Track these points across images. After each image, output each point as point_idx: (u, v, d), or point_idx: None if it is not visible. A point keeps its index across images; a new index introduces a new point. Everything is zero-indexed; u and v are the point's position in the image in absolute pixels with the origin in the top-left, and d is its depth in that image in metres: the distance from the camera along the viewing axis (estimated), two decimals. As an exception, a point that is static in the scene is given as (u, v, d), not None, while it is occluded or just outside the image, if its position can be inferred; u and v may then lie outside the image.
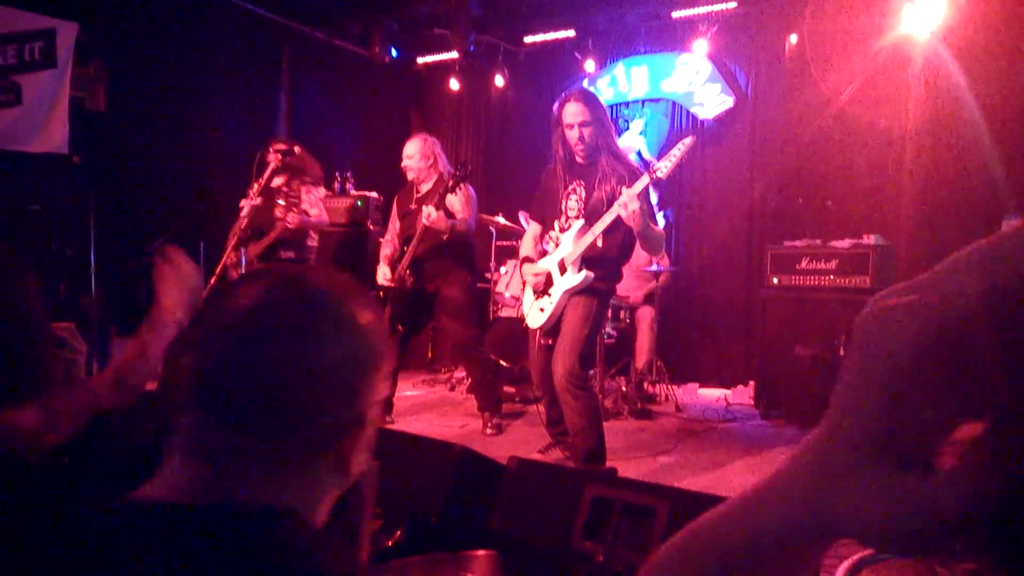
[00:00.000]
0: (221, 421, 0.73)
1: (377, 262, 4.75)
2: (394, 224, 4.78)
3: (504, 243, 6.21)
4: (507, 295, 5.72)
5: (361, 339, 0.79)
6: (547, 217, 3.72)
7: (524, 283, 3.81)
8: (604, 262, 3.53)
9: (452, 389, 5.89)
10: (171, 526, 0.68)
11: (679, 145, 3.39)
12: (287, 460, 0.74)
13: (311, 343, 0.75)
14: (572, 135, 3.49)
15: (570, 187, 3.58)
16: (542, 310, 3.60)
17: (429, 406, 5.35)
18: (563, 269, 3.52)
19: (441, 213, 4.26)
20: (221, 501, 0.71)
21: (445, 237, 4.39)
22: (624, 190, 3.27)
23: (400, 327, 4.46)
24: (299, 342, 0.74)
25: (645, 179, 3.29)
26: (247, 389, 0.73)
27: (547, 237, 3.76)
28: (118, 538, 0.68)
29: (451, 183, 4.28)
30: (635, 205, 3.17)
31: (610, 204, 3.40)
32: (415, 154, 4.61)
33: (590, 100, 3.52)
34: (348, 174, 7.01)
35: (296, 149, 4.84)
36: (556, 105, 3.58)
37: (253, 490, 0.72)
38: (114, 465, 1.25)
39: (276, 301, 0.77)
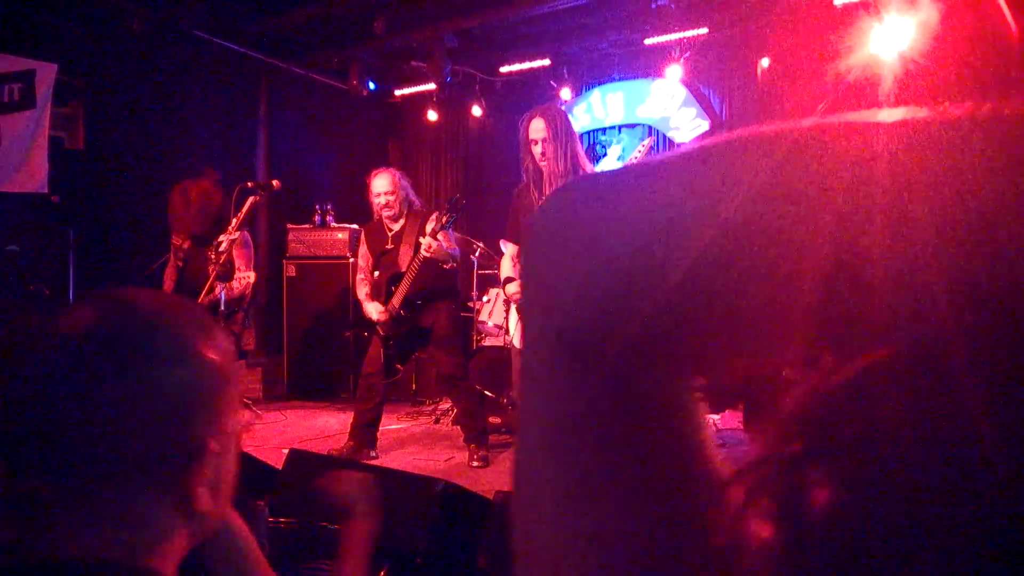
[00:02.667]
0: (33, 468, 0.64)
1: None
2: (366, 262, 4.66)
3: (486, 272, 6.22)
4: (490, 323, 5.72)
5: (196, 363, 0.71)
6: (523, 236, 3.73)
7: (508, 304, 3.80)
8: None
9: (437, 422, 5.86)
10: None
11: (638, 148, 3.45)
12: (115, 503, 0.66)
13: (135, 371, 0.67)
14: (536, 151, 3.52)
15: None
16: None
17: (414, 439, 5.31)
18: None
19: (440, 242, 4.21)
20: (38, 560, 0.63)
21: (448, 266, 4.33)
22: None
23: (399, 366, 4.42)
24: (121, 370, 0.66)
25: None
26: (61, 427, 0.64)
27: None
28: None
29: (446, 219, 4.19)
30: None
31: None
32: (393, 188, 4.50)
33: (552, 116, 3.53)
34: (328, 206, 7.01)
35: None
36: (521, 122, 3.62)
37: (78, 542, 0.64)
38: None
39: (94, 329, 0.68)
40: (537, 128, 3.50)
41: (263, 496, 1.98)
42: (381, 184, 4.54)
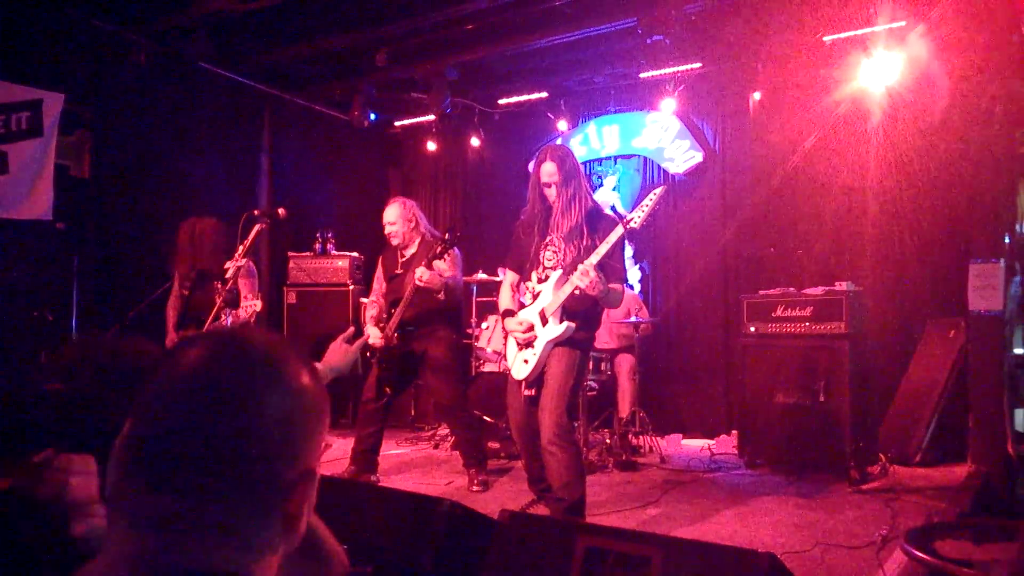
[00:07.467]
0: (164, 487, 0.71)
1: (358, 321, 4.75)
2: (380, 285, 4.81)
3: (485, 299, 6.30)
4: (489, 350, 5.78)
5: (300, 396, 0.79)
6: (524, 267, 3.82)
7: (507, 336, 3.87)
8: (583, 311, 3.62)
9: (436, 447, 5.91)
10: None
11: (651, 195, 3.55)
12: (234, 522, 0.73)
13: (252, 404, 0.74)
14: (550, 193, 3.64)
15: (548, 238, 3.70)
16: (526, 362, 3.65)
17: (414, 464, 5.36)
18: (544, 320, 3.60)
19: (433, 272, 4.31)
20: (167, 571, 0.70)
21: (440, 296, 4.42)
22: (581, 265, 3.41)
23: (388, 389, 4.48)
24: (240, 404, 0.74)
25: (618, 231, 3.44)
26: (188, 453, 0.72)
27: (523, 287, 3.84)
28: None
29: (440, 249, 4.29)
30: (589, 278, 3.34)
31: (587, 254, 3.53)
32: (397, 219, 4.65)
33: (564, 158, 3.66)
34: (329, 234, 7.12)
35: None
36: (533, 163, 3.74)
37: (199, 556, 0.71)
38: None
39: (215, 365, 0.76)
40: (550, 172, 3.62)
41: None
42: (388, 215, 4.70)
